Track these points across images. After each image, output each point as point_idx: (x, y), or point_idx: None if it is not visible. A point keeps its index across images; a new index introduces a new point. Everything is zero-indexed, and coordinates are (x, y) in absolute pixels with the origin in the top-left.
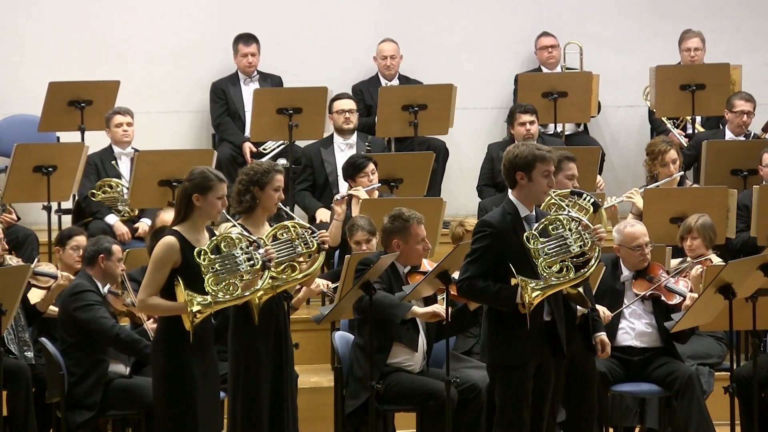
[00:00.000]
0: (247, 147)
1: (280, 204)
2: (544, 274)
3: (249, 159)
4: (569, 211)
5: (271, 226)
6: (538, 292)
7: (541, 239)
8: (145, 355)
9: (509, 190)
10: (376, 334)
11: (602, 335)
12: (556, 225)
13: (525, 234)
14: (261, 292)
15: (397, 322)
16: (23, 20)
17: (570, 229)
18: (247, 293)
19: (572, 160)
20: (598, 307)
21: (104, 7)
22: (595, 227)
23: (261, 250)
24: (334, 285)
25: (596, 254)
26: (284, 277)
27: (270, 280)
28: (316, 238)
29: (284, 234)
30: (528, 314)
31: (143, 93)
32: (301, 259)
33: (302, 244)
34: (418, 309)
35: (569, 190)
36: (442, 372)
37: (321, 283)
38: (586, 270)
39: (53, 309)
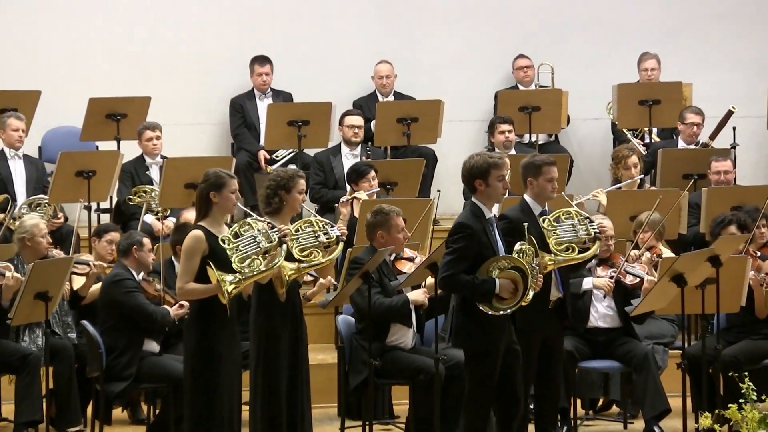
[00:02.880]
0: (262, 154)
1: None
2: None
3: (263, 165)
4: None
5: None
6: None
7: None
8: (170, 323)
9: (472, 196)
10: (376, 321)
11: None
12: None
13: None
14: (290, 271)
15: (406, 312)
16: (67, 44)
17: (527, 252)
18: (269, 267)
19: (552, 164)
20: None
21: (137, 34)
22: (600, 223)
23: (275, 229)
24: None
25: (595, 248)
26: (309, 260)
27: (296, 263)
28: (335, 230)
29: (308, 227)
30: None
31: (171, 107)
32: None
33: (323, 234)
34: (411, 295)
35: (586, 215)
36: (431, 350)
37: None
38: (585, 253)
39: (96, 288)
